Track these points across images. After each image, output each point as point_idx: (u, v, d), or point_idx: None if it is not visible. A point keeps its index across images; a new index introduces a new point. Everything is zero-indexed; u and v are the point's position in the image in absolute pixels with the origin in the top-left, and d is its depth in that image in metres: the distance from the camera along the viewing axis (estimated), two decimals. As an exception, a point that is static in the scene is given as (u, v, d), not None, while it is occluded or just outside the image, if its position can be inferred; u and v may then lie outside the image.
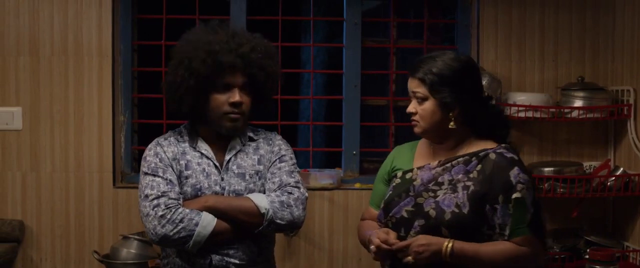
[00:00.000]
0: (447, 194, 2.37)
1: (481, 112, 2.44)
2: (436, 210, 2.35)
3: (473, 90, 2.44)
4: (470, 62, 2.47)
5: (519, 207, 2.33)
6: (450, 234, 2.32)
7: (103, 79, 3.72)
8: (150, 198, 2.47)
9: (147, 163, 2.56)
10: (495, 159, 2.38)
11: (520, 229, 2.33)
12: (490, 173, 2.36)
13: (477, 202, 2.34)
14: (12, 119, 3.69)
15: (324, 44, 7.66)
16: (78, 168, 3.73)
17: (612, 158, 3.83)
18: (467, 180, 2.37)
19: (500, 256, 2.31)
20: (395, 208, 2.43)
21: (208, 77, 2.48)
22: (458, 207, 2.33)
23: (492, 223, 2.34)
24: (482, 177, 2.36)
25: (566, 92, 3.71)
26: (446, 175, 2.41)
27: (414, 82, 2.43)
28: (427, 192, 2.40)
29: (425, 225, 2.35)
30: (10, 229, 3.62)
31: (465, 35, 3.91)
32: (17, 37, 3.68)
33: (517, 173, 2.35)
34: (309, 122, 4.11)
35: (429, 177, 2.44)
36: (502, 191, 2.33)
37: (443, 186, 2.40)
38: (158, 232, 2.44)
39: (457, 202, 2.34)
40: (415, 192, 2.42)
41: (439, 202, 2.36)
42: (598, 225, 3.86)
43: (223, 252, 2.52)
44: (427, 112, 2.41)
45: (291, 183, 2.58)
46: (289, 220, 2.52)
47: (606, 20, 3.84)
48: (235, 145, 2.61)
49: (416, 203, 2.40)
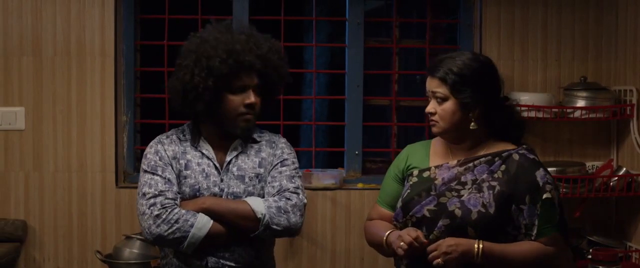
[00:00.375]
0: (472, 194, 2.36)
1: (499, 112, 2.44)
2: (462, 210, 2.34)
3: (492, 91, 2.43)
4: (489, 62, 2.46)
5: (548, 208, 2.35)
6: (476, 234, 2.31)
7: (106, 78, 3.72)
8: (147, 196, 2.47)
9: (147, 160, 2.55)
10: (519, 160, 2.40)
11: (547, 229, 2.35)
12: (515, 173, 2.37)
13: (503, 202, 2.34)
14: (15, 118, 3.69)
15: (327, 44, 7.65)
16: (81, 168, 3.73)
17: (614, 158, 3.83)
18: (492, 180, 2.37)
19: (529, 256, 2.33)
20: (416, 207, 2.40)
21: (226, 77, 2.47)
22: (484, 207, 2.33)
23: (517, 224, 2.35)
24: (507, 177, 2.37)
25: (569, 91, 3.71)
26: (469, 174, 2.40)
27: (434, 81, 2.41)
28: (450, 191, 2.39)
29: (451, 225, 2.34)
30: (13, 229, 3.63)
31: (467, 35, 3.90)
32: (20, 37, 3.69)
33: (544, 175, 2.38)
34: (311, 122, 4.11)
35: (450, 176, 2.42)
36: (528, 192, 2.35)
37: (466, 186, 2.39)
38: (153, 232, 2.44)
39: (483, 201, 2.33)
40: (437, 191, 2.40)
41: (464, 201, 2.35)
42: (601, 225, 3.85)
43: (219, 254, 2.51)
44: (447, 112, 2.39)
45: (290, 189, 2.55)
46: (285, 226, 2.50)
47: (609, 20, 3.84)
48: (237, 146, 2.60)
49: (439, 202, 2.38)
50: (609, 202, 3.87)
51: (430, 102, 2.44)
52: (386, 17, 4.23)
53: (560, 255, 2.38)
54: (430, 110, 2.43)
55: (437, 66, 2.41)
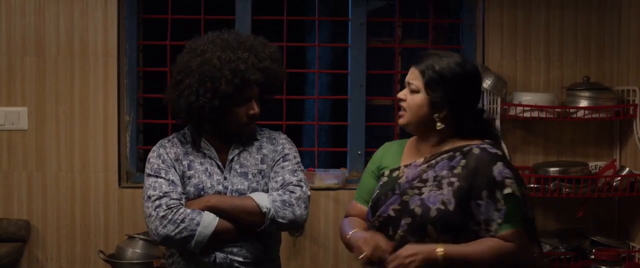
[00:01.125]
0: (433, 191, 2.34)
1: (470, 120, 2.42)
2: (422, 208, 2.32)
3: (467, 100, 2.41)
4: (474, 71, 2.43)
5: (509, 202, 2.29)
6: (436, 231, 2.30)
7: (108, 78, 3.72)
8: (153, 199, 2.49)
9: (150, 164, 2.58)
10: (478, 154, 2.35)
11: (507, 224, 2.29)
12: (474, 168, 2.33)
13: (463, 198, 2.31)
14: (17, 118, 3.70)
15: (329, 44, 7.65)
16: (83, 168, 3.73)
17: (617, 158, 3.82)
18: (452, 176, 2.35)
19: (488, 254, 2.28)
20: (382, 207, 2.41)
21: (232, 95, 2.49)
22: (443, 204, 2.31)
23: (477, 219, 2.31)
24: (465, 173, 2.33)
25: (572, 92, 3.71)
26: (430, 171, 2.39)
27: (414, 72, 2.42)
28: (412, 189, 2.38)
29: (412, 223, 2.33)
30: (16, 229, 3.63)
31: (470, 35, 3.90)
32: (23, 37, 3.69)
33: (501, 169, 2.32)
34: (314, 122, 4.11)
35: (414, 174, 2.42)
36: (485, 187, 2.30)
37: (428, 183, 2.37)
38: (160, 233, 2.45)
39: (442, 198, 2.32)
40: (400, 190, 2.40)
41: (424, 199, 2.34)
42: (604, 225, 3.85)
43: (227, 250, 2.53)
44: (415, 104, 2.39)
45: (293, 182, 2.58)
46: (291, 219, 2.52)
47: (612, 20, 3.84)
48: (239, 145, 2.62)
49: (402, 201, 2.37)
50: (612, 202, 3.87)
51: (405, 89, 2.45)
52: (389, 17, 4.22)
53: (521, 251, 2.31)
54: (400, 95, 2.45)
55: (422, 58, 2.42)
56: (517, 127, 3.83)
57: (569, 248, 3.62)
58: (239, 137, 2.61)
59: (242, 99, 2.53)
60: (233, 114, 2.53)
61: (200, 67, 2.49)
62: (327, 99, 7.81)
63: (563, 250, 3.61)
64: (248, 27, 3.77)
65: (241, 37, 2.61)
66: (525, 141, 3.85)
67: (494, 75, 3.64)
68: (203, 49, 2.53)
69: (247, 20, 3.79)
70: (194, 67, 2.50)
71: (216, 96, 2.47)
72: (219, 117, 2.52)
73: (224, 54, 2.50)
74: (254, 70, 2.50)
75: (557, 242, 3.65)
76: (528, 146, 3.85)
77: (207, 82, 2.46)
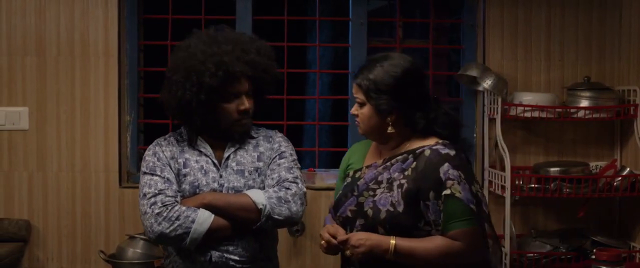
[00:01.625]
0: (384, 193, 2.38)
1: (421, 116, 2.42)
2: (373, 210, 2.37)
3: (413, 97, 2.41)
4: (412, 67, 2.43)
5: (450, 203, 2.30)
6: (386, 233, 2.34)
7: (109, 78, 3.72)
8: (148, 196, 2.49)
9: (145, 162, 2.59)
10: (428, 156, 2.37)
11: (452, 224, 2.30)
12: (423, 170, 2.35)
13: (411, 200, 2.33)
14: (18, 118, 3.70)
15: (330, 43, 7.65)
16: (84, 168, 3.73)
17: (618, 158, 3.82)
18: (402, 178, 2.38)
19: (434, 251, 2.31)
20: (342, 207, 2.47)
21: (218, 89, 2.49)
22: (393, 206, 2.34)
23: (427, 220, 2.34)
24: (415, 175, 2.36)
25: (572, 92, 3.70)
26: (385, 173, 2.43)
27: (355, 87, 2.46)
28: (368, 191, 2.43)
29: (365, 225, 2.39)
30: (16, 229, 3.63)
31: (471, 35, 3.90)
32: (24, 37, 3.69)
33: (447, 170, 2.32)
34: (314, 122, 4.11)
35: (371, 176, 2.46)
36: (432, 187, 2.32)
37: (381, 185, 2.41)
38: (155, 230, 2.45)
39: (392, 200, 2.35)
40: (358, 192, 2.45)
41: (376, 201, 2.38)
42: (604, 225, 3.85)
43: (223, 248, 2.53)
44: (365, 116, 2.43)
45: (289, 179, 2.58)
46: (287, 216, 2.52)
47: (613, 20, 3.84)
48: (235, 143, 2.63)
49: (358, 202, 2.42)
50: (613, 202, 3.87)
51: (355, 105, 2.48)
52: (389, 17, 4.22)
53: (468, 250, 2.31)
54: (353, 111, 2.49)
55: (358, 71, 2.45)
56: (518, 127, 3.83)
57: (569, 248, 3.62)
58: (233, 135, 2.61)
59: (231, 94, 2.53)
60: (223, 110, 2.54)
61: (185, 62, 2.51)
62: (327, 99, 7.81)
63: (564, 250, 3.61)
64: (249, 27, 3.77)
65: (229, 33, 2.63)
66: (526, 141, 3.85)
67: (494, 75, 3.64)
68: (188, 44, 2.57)
69: (248, 20, 3.79)
70: (180, 63, 2.52)
71: (202, 90, 2.47)
72: (206, 112, 2.52)
73: (209, 48, 2.51)
74: (239, 62, 2.50)
75: (558, 242, 3.65)
76: (529, 146, 3.85)
77: (192, 77, 2.48)
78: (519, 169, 3.74)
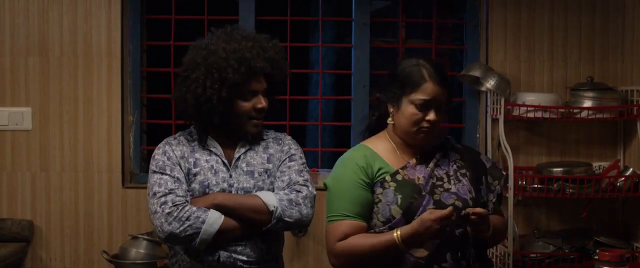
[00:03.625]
0: (456, 184, 2.43)
1: None
2: (460, 200, 2.39)
3: None
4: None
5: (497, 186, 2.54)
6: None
7: (112, 79, 3.73)
8: (158, 195, 2.48)
9: (155, 161, 2.57)
10: (456, 146, 2.54)
11: (498, 203, 2.55)
12: (467, 158, 2.51)
13: (475, 185, 2.47)
14: (21, 119, 3.70)
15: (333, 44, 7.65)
16: (87, 169, 3.74)
17: (621, 158, 3.82)
18: (461, 167, 2.48)
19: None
20: (419, 209, 2.35)
21: (239, 86, 2.50)
22: (470, 193, 2.42)
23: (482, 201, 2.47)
24: (467, 164, 2.50)
25: (575, 92, 3.70)
26: (438, 170, 2.45)
27: (439, 89, 2.37)
28: (435, 188, 2.41)
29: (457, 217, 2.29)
30: (19, 229, 3.64)
31: (474, 36, 3.90)
32: (27, 38, 3.70)
33: (485, 157, 2.61)
34: (317, 122, 4.10)
35: (425, 174, 2.43)
36: (484, 173, 2.51)
37: (443, 180, 2.44)
38: (165, 229, 2.45)
39: (467, 189, 2.43)
40: (426, 190, 2.40)
41: (456, 193, 2.40)
42: (607, 225, 3.85)
43: (231, 248, 2.52)
44: (443, 119, 2.44)
45: (300, 182, 2.58)
46: (297, 218, 2.52)
47: (616, 21, 3.83)
48: (245, 144, 2.63)
49: (434, 200, 2.38)
50: (616, 202, 3.86)
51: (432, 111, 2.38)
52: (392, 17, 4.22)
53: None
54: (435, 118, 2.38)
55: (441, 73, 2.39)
56: (521, 128, 3.83)
57: (572, 248, 3.62)
58: (246, 134, 2.61)
59: (250, 91, 2.53)
60: (240, 108, 2.54)
61: (206, 59, 2.51)
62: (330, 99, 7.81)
63: (567, 250, 3.61)
64: (252, 27, 3.77)
65: (244, 31, 2.64)
66: (529, 141, 3.84)
67: (497, 75, 3.63)
68: (207, 42, 2.56)
69: (251, 21, 3.80)
70: (199, 61, 2.52)
71: (224, 86, 2.48)
72: (226, 109, 2.52)
73: (229, 45, 2.52)
74: (260, 59, 2.52)
75: (561, 243, 3.65)
76: (532, 146, 3.84)
77: (214, 73, 2.48)
78: (522, 169, 3.74)
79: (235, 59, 2.48)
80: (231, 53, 2.49)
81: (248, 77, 2.51)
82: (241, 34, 2.58)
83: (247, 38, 2.56)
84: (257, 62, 2.51)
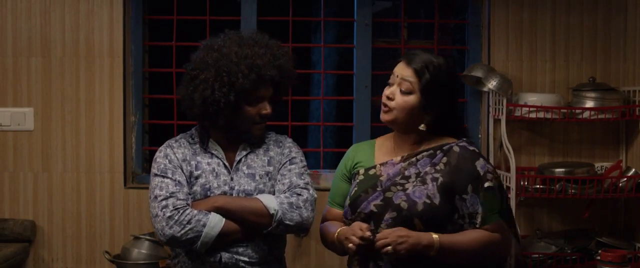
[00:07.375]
0: (417, 186, 2.38)
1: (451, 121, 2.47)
2: (408, 202, 2.36)
3: (454, 102, 2.48)
4: (455, 68, 2.50)
5: (490, 196, 2.38)
6: (422, 225, 2.34)
7: (114, 79, 3.73)
8: (159, 199, 2.49)
9: (157, 164, 2.58)
10: (459, 151, 2.42)
11: (491, 216, 2.38)
12: (457, 164, 2.40)
13: (447, 193, 2.36)
14: (23, 119, 3.71)
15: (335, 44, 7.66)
16: (89, 169, 3.74)
17: (623, 159, 3.81)
18: (435, 172, 2.40)
19: (476, 244, 2.35)
20: (363, 203, 2.43)
21: (247, 91, 2.50)
22: (429, 198, 2.35)
23: (461, 213, 2.37)
24: (448, 169, 2.39)
25: (577, 92, 3.70)
26: (412, 168, 2.43)
27: (408, 70, 2.41)
28: (395, 185, 2.41)
29: (397, 217, 2.35)
30: (21, 229, 3.64)
31: (476, 36, 3.90)
32: (29, 38, 3.70)
33: (484, 164, 2.41)
34: (319, 122, 4.11)
35: (394, 171, 2.45)
36: (469, 181, 2.37)
37: (410, 179, 2.41)
38: (166, 233, 2.45)
39: (427, 193, 2.36)
40: (382, 187, 2.43)
41: (409, 194, 2.37)
42: (609, 226, 3.84)
43: (233, 249, 2.53)
44: (406, 105, 2.40)
45: (300, 185, 2.59)
46: (298, 222, 2.53)
47: (618, 21, 3.83)
48: (246, 146, 2.63)
49: (385, 197, 2.40)
50: (618, 203, 3.86)
51: (392, 87, 2.44)
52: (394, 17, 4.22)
53: (504, 242, 2.41)
54: (389, 94, 2.44)
55: (416, 56, 2.41)
56: (523, 128, 3.83)
57: (574, 249, 3.62)
58: (247, 138, 2.61)
59: (257, 97, 2.54)
60: (245, 113, 2.54)
61: (217, 61, 2.51)
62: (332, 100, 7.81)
63: (569, 251, 3.61)
64: (253, 27, 3.77)
65: (257, 35, 2.63)
66: (531, 142, 3.84)
67: (499, 75, 3.63)
68: (220, 45, 2.56)
69: (253, 21, 3.80)
70: (210, 62, 2.52)
71: (232, 91, 2.48)
72: (232, 113, 2.52)
73: (241, 50, 2.52)
74: (270, 67, 2.52)
75: (563, 243, 3.64)
76: (533, 147, 3.84)
77: (223, 76, 2.48)
78: (524, 170, 3.74)
79: (247, 65, 2.49)
80: (243, 58, 2.50)
81: (257, 84, 2.51)
82: (254, 39, 2.58)
83: (259, 44, 2.57)
84: (267, 70, 2.51)
